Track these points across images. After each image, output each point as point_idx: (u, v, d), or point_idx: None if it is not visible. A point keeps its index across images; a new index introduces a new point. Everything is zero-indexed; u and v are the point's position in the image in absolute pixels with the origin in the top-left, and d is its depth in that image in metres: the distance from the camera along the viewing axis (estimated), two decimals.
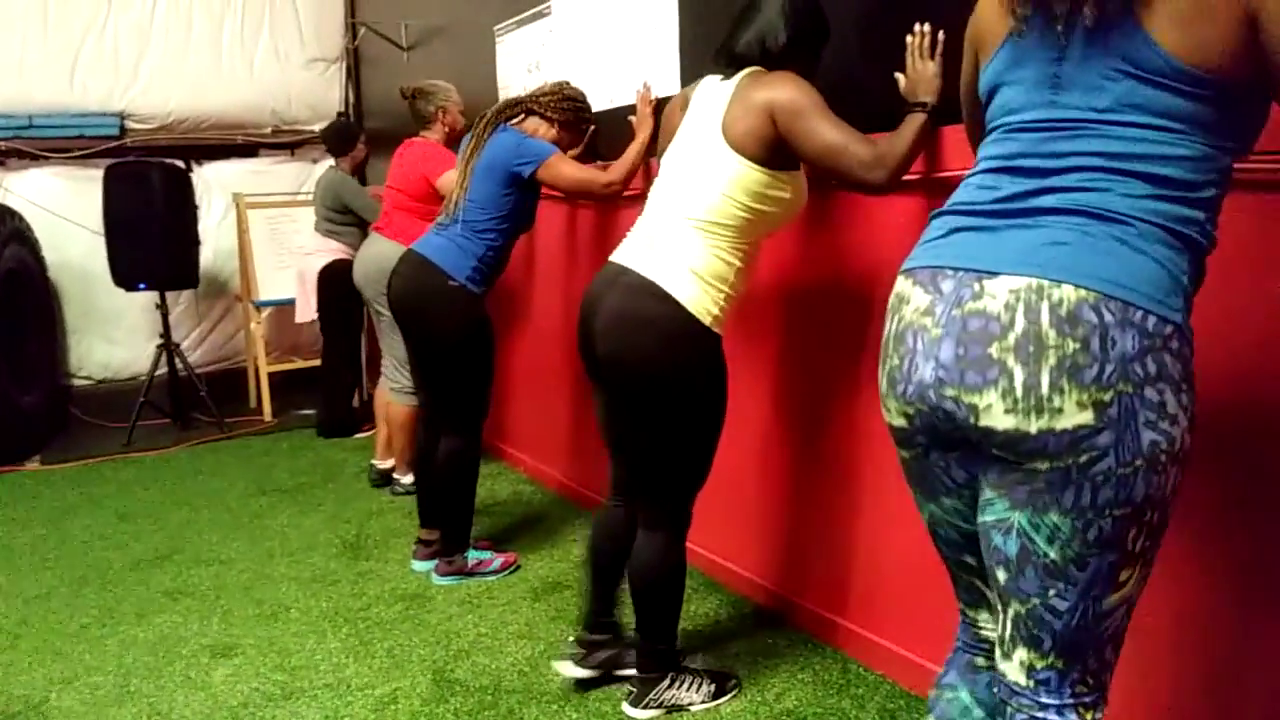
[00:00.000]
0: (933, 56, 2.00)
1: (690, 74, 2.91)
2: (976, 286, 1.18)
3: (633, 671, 2.31)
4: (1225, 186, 1.18)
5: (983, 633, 1.45)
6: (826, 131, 1.91)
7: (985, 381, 1.16)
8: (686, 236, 2.02)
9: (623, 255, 2.11)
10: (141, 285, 5.02)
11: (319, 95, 6.09)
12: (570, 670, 2.34)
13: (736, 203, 1.99)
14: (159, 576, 3.23)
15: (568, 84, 3.03)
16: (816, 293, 2.50)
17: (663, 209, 2.09)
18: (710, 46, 2.79)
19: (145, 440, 4.95)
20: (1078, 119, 1.19)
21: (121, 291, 5.11)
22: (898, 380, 1.28)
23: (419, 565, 3.15)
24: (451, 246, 2.83)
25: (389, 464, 4.04)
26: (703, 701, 2.27)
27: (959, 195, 1.31)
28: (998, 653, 1.31)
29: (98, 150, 5.48)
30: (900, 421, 1.31)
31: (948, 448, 1.28)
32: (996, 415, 1.15)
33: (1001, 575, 1.24)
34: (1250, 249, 1.55)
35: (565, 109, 2.96)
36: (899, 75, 2.06)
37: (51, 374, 5.39)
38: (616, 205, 3.31)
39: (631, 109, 3.08)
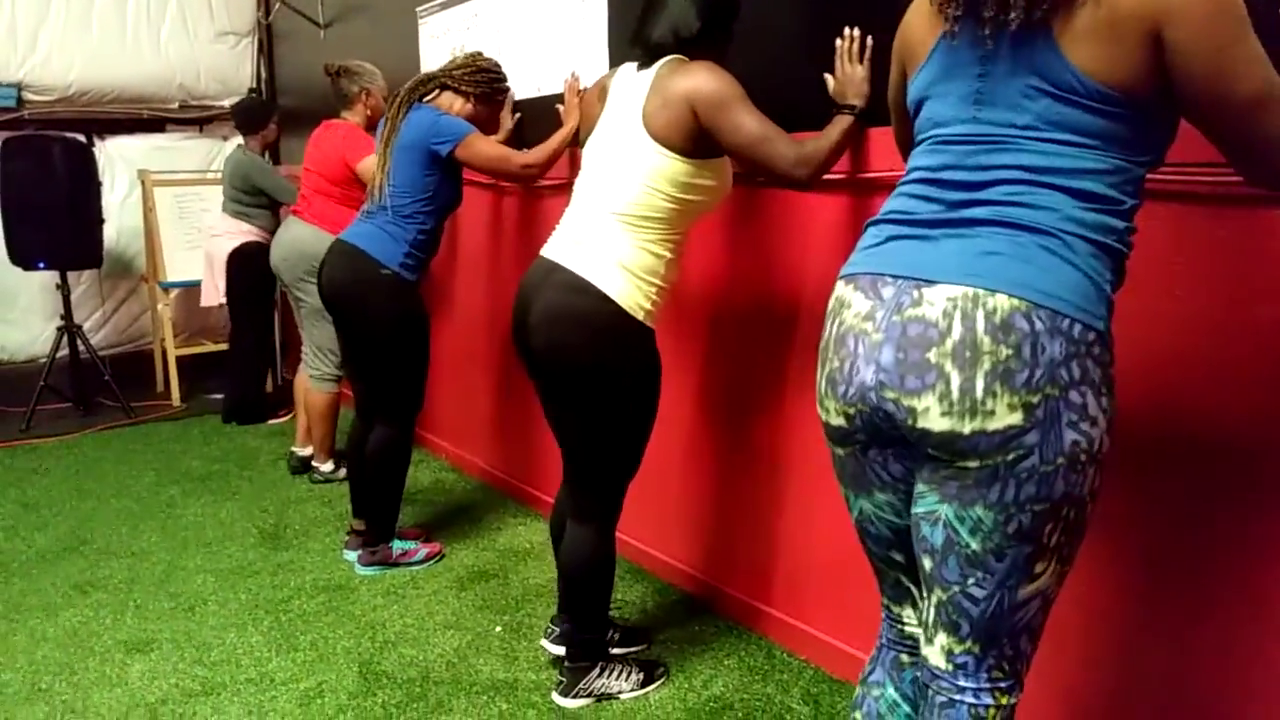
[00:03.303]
0: (861, 60, 2.05)
1: (619, 62, 2.91)
2: (916, 294, 1.23)
3: (620, 650, 2.34)
4: (1141, 196, 1.26)
5: (907, 629, 1.51)
6: (749, 124, 1.92)
7: (924, 386, 1.21)
8: (614, 231, 2.03)
9: (552, 251, 2.11)
10: (41, 264, 4.80)
11: (229, 70, 5.89)
12: (552, 647, 2.39)
13: (662, 194, 2.00)
14: (67, 569, 3.12)
15: (480, 55, 3.00)
16: (744, 288, 2.54)
17: (588, 203, 2.09)
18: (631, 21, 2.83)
19: (46, 426, 4.76)
20: (1001, 134, 1.25)
21: (16, 270, 4.89)
22: (838, 381, 1.33)
23: (351, 555, 3.11)
24: (381, 234, 2.78)
25: (309, 450, 3.97)
26: (631, 690, 2.31)
27: (893, 205, 1.36)
28: (922, 638, 1.37)
29: None
30: (839, 421, 1.35)
31: (884, 444, 1.34)
32: (933, 418, 1.21)
33: (927, 563, 1.31)
34: (1161, 258, 1.64)
35: (479, 81, 2.93)
36: (828, 76, 2.11)
37: None
38: (540, 193, 3.30)
39: (558, 98, 3.08)
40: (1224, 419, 1.61)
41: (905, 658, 1.52)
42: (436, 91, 2.91)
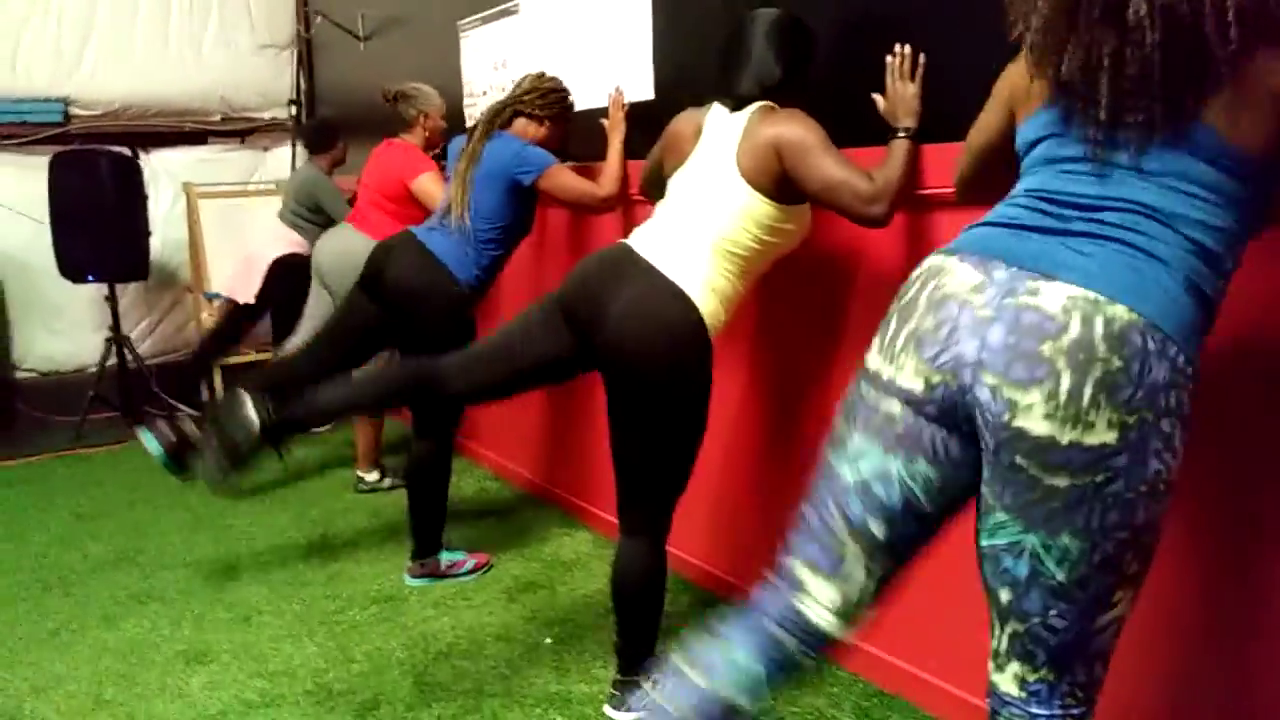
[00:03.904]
0: (913, 78, 2.06)
1: (663, 78, 2.94)
2: (1032, 284, 1.21)
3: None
4: (1239, 263, 1.27)
5: (805, 613, 1.41)
6: (829, 168, 1.99)
7: (1032, 379, 1.18)
8: (705, 254, 2.09)
9: (641, 246, 2.14)
10: (90, 277, 4.90)
11: (270, 82, 5.98)
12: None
13: (749, 233, 2.08)
14: (123, 579, 3.19)
15: (543, 75, 3.01)
16: (794, 299, 2.55)
17: (681, 225, 2.14)
18: (683, 51, 2.86)
19: (96, 435, 4.86)
20: (1124, 173, 1.25)
21: (65, 282, 4.98)
22: (928, 343, 1.27)
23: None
24: (459, 251, 2.84)
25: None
26: None
27: (1003, 212, 1.34)
28: (990, 665, 1.37)
29: (41, 137, 5.33)
30: (914, 383, 1.29)
31: (951, 430, 1.29)
32: (1035, 417, 1.18)
33: (1005, 595, 1.30)
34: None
35: (551, 104, 2.96)
36: (877, 96, 2.13)
37: None
38: None
39: (601, 111, 3.10)
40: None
41: (784, 637, 1.41)
42: (510, 117, 2.93)
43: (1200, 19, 1.16)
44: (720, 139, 2.14)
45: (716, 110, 2.21)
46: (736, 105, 2.16)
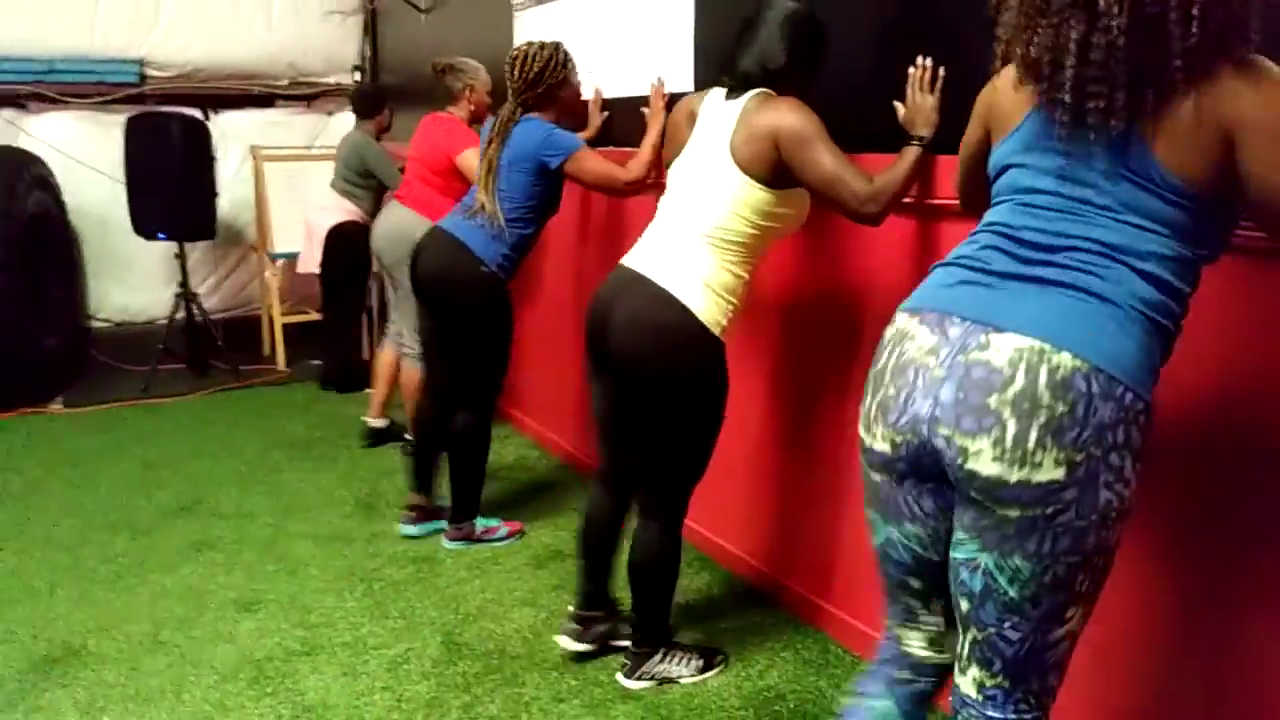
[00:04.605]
0: (932, 90, 2.12)
1: (704, 70, 3.01)
2: (983, 338, 1.31)
3: (627, 643, 2.50)
4: (1196, 285, 1.35)
5: (906, 650, 1.60)
6: (826, 161, 2.04)
7: (980, 428, 1.29)
8: (699, 250, 2.16)
9: (635, 262, 2.25)
10: (161, 235, 5.14)
11: (335, 48, 6.15)
12: (569, 644, 2.53)
13: (744, 220, 2.13)
14: (184, 528, 3.42)
15: (524, 58, 2.91)
16: (813, 298, 2.64)
17: (674, 222, 2.22)
18: (723, 44, 2.92)
19: (163, 385, 5.12)
20: (1080, 209, 1.33)
21: (137, 238, 5.23)
22: (891, 409, 1.40)
23: (409, 529, 3.32)
24: (484, 233, 2.94)
25: (382, 423, 4.22)
26: (691, 675, 2.47)
27: (965, 251, 1.44)
28: (955, 668, 1.48)
29: (117, 97, 5.56)
30: (884, 447, 1.43)
31: (923, 479, 1.43)
32: (984, 461, 1.29)
33: (964, 605, 1.41)
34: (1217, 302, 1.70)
35: (545, 86, 2.92)
36: (898, 104, 2.19)
37: (72, 317, 5.54)
38: None
39: (644, 99, 3.18)
40: (1258, 454, 1.68)
41: (902, 675, 1.61)
42: (529, 107, 2.97)
43: (1165, 9, 1.23)
44: (715, 125, 2.18)
45: (713, 95, 2.25)
46: (735, 85, 2.19)
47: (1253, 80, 1.24)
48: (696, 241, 2.16)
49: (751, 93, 2.16)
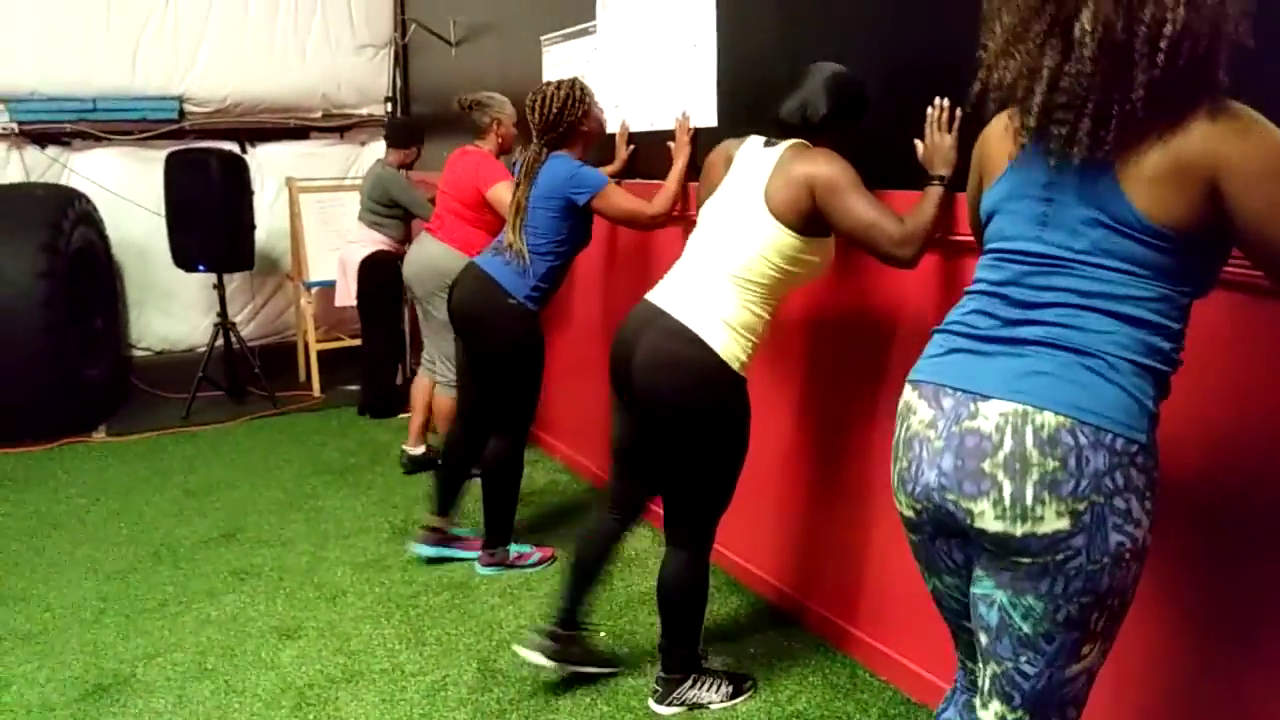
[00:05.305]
0: (950, 130, 2.18)
1: (726, 106, 3.08)
2: (972, 407, 1.38)
3: (592, 669, 2.60)
4: (1186, 321, 1.38)
5: (979, 679, 1.66)
6: (860, 209, 2.12)
7: (979, 492, 1.36)
8: (723, 289, 2.23)
9: (660, 298, 2.32)
10: (201, 267, 5.29)
11: (367, 80, 6.31)
12: (536, 659, 2.55)
13: (770, 263, 2.21)
14: (226, 555, 3.52)
15: (541, 100, 3.01)
16: (839, 324, 2.70)
17: (702, 261, 2.29)
18: (746, 81, 3.00)
19: (203, 413, 5.25)
20: (1058, 257, 1.38)
21: (178, 270, 5.37)
22: (906, 480, 1.49)
23: (421, 549, 3.37)
24: (512, 269, 3.04)
25: (420, 449, 4.30)
26: (721, 701, 2.51)
27: (956, 316, 1.51)
28: (977, 701, 1.53)
29: (158, 133, 5.73)
30: (910, 513, 1.52)
31: (949, 535, 1.49)
32: (988, 520, 1.36)
33: (983, 639, 1.46)
34: (1227, 341, 1.73)
35: (561, 132, 3.02)
36: (917, 142, 2.24)
37: (115, 347, 5.70)
38: None
39: (669, 134, 3.26)
40: (1270, 485, 1.71)
41: (978, 701, 1.67)
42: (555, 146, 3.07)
43: (1133, 39, 1.26)
44: (751, 171, 2.26)
45: (751, 142, 2.34)
46: (774, 134, 2.28)
47: (1232, 125, 1.26)
48: (722, 280, 2.23)
49: (789, 142, 2.25)
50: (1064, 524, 1.31)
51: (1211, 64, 1.28)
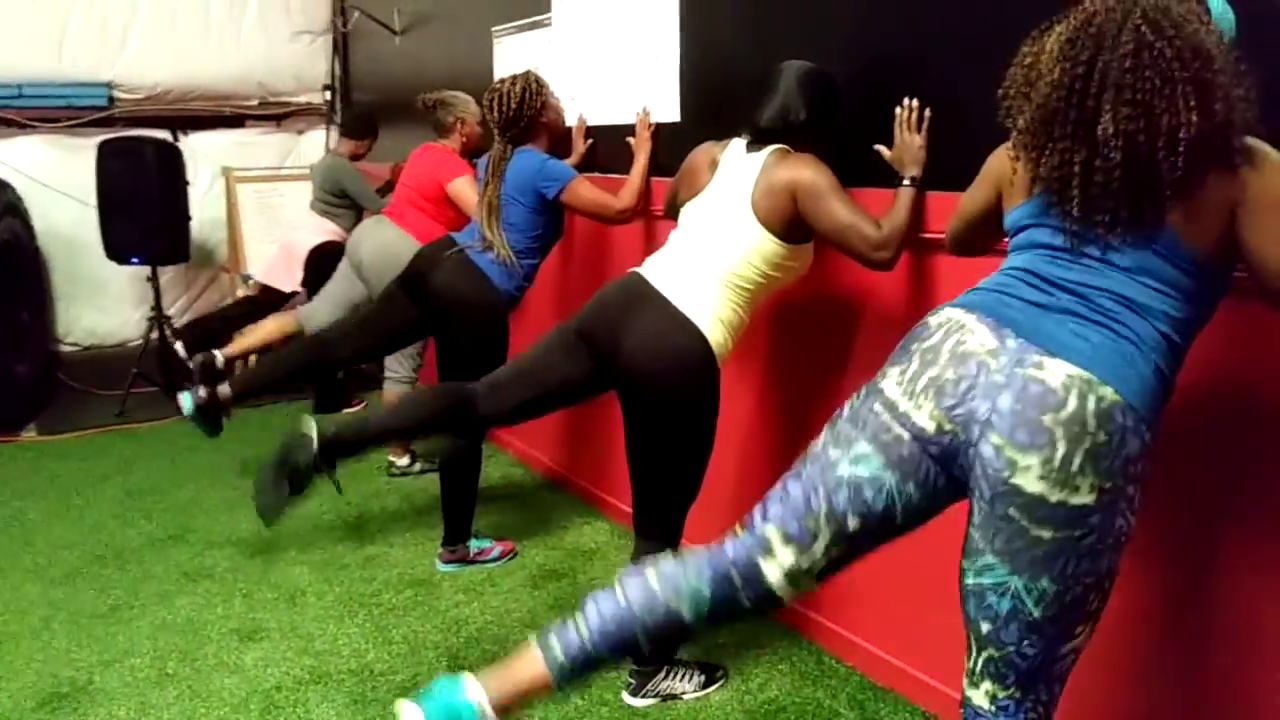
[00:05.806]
0: (919, 130, 2.23)
1: (690, 101, 3.10)
2: (1037, 358, 1.41)
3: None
4: (1189, 345, 1.48)
5: (762, 568, 1.60)
6: (841, 213, 2.17)
7: (1033, 445, 1.38)
8: (714, 287, 2.28)
9: (655, 278, 2.33)
10: (134, 259, 5.12)
11: (305, 68, 6.19)
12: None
13: (755, 268, 2.27)
14: (176, 557, 3.43)
15: (501, 95, 3.02)
16: (804, 316, 2.74)
17: (693, 257, 2.33)
18: (709, 77, 3.02)
19: (138, 410, 5.08)
20: (1101, 267, 1.46)
21: (110, 262, 5.20)
22: (948, 393, 1.46)
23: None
24: (500, 269, 3.05)
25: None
26: (694, 691, 2.55)
27: (1002, 281, 1.53)
28: (965, 681, 1.58)
29: (86, 120, 5.54)
30: (927, 424, 1.48)
31: (944, 469, 1.50)
32: (1030, 478, 1.38)
33: (986, 627, 1.50)
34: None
35: (522, 127, 3.04)
36: (880, 147, 2.31)
37: (42, 342, 5.49)
38: None
39: (629, 129, 3.27)
40: (1245, 473, 1.80)
41: (737, 583, 1.61)
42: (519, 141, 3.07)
43: (1155, 149, 1.36)
44: (736, 176, 2.32)
45: (734, 147, 2.38)
46: (756, 139, 2.33)
47: (1250, 161, 1.38)
48: (714, 278, 2.28)
49: (771, 148, 2.30)
50: (1091, 498, 1.36)
51: (1227, 149, 1.38)
